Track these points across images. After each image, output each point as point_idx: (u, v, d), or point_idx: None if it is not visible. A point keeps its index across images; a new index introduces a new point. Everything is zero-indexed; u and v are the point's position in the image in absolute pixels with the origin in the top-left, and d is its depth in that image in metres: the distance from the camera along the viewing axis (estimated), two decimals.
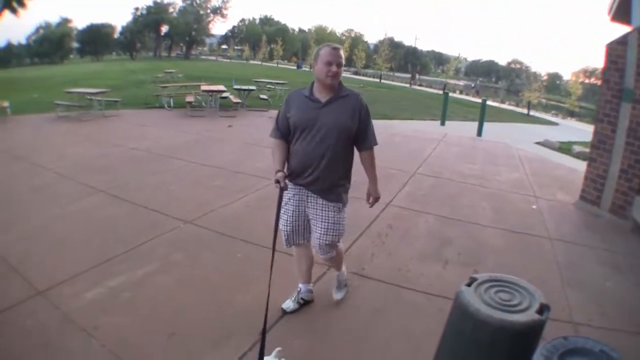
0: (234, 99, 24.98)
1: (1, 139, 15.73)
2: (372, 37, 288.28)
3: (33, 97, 28.15)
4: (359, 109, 5.63)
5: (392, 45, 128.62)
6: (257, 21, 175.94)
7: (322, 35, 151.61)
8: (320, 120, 5.32)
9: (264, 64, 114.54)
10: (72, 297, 6.04)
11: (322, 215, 5.55)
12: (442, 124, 25.13)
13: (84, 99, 21.74)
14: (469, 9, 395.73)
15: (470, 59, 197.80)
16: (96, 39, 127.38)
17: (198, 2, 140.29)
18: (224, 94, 24.61)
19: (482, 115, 22.82)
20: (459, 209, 10.48)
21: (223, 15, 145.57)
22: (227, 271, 7.02)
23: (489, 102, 31.51)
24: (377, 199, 6.03)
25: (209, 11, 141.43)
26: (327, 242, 5.59)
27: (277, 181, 5.23)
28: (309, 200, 5.59)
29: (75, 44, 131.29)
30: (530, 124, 36.73)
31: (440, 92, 57.45)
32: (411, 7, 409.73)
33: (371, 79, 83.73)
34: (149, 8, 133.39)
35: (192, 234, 8.30)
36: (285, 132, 5.62)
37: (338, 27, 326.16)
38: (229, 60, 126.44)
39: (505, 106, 63.65)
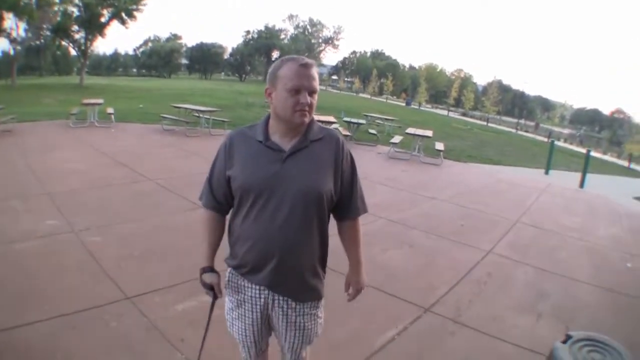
0: (343, 131, 25.00)
1: (105, 144, 16.15)
2: (481, 79, 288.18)
3: (139, 107, 28.80)
4: (342, 159, 3.64)
5: (501, 88, 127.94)
6: (369, 54, 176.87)
7: (431, 73, 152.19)
8: (285, 181, 3.44)
9: (373, 98, 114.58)
10: (162, 307, 6.19)
11: (294, 322, 3.81)
12: (547, 172, 24.82)
13: (190, 115, 22.15)
14: (577, 56, 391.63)
15: (576, 106, 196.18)
16: (206, 58, 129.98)
17: (310, 30, 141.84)
18: (334, 125, 24.27)
19: (586, 166, 22.47)
20: (557, 262, 10.27)
21: (334, 46, 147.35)
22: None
23: (593, 153, 31.06)
24: (359, 291, 4.29)
25: (320, 41, 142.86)
26: (302, 354, 4.10)
27: (209, 286, 3.80)
28: (275, 304, 3.73)
29: (184, 60, 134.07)
30: (631, 177, 36.06)
31: (545, 139, 56.88)
32: (521, 51, 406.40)
33: (478, 121, 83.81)
34: (260, 32, 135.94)
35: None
36: (222, 200, 3.80)
37: (448, 66, 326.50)
38: (338, 92, 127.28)
39: (607, 157, 62.57)
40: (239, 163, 3.55)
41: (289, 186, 3.38)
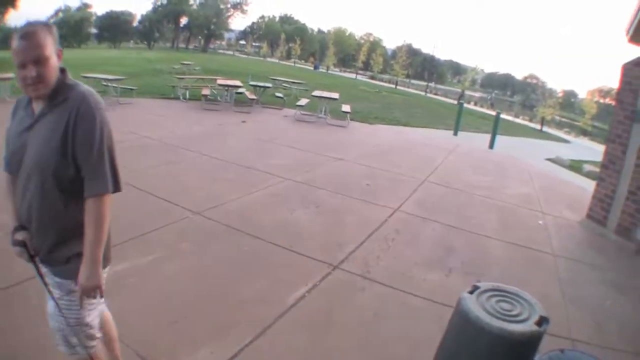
0: (250, 95, 24.90)
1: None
2: (390, 43, 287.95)
3: None
4: (73, 125, 3.23)
5: (410, 52, 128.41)
6: (277, 19, 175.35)
7: (340, 37, 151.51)
8: (27, 152, 3.26)
9: (281, 62, 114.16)
10: None
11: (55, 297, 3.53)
12: (455, 134, 25.11)
13: (99, 84, 21.80)
14: (488, 21, 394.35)
15: (487, 70, 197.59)
16: (115, 26, 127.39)
17: None
18: (240, 90, 24.59)
19: (496, 128, 22.81)
20: (466, 219, 10.50)
21: (243, 11, 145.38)
22: (233, 263, 7.08)
23: (503, 116, 31.51)
24: (88, 290, 3.39)
25: (229, 6, 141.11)
26: (60, 335, 3.64)
27: (20, 242, 3.37)
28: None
29: (93, 30, 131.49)
30: (543, 139, 36.70)
31: (455, 102, 57.44)
32: (431, 15, 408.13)
33: (387, 85, 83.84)
34: None
35: (201, 224, 8.36)
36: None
37: (357, 29, 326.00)
38: (246, 56, 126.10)
39: (519, 120, 63.70)
40: (9, 131, 3.42)
41: (29, 157, 3.23)
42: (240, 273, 6.77)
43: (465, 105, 38.19)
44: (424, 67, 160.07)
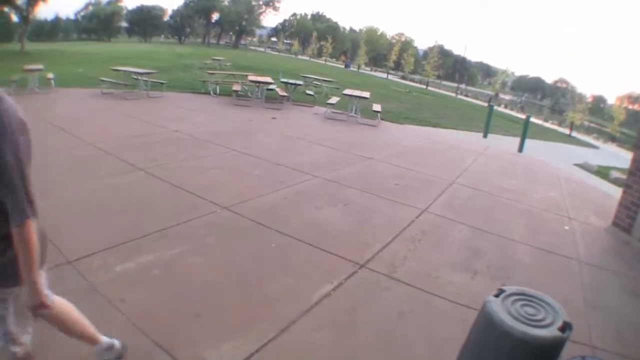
0: (281, 92, 24.90)
1: (45, 109, 15.88)
2: (422, 43, 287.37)
3: (78, 72, 28.43)
4: None
5: (442, 53, 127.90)
6: (309, 17, 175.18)
7: (372, 36, 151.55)
8: None
9: (312, 60, 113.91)
10: (101, 269, 6.15)
11: None
12: (485, 136, 24.96)
13: (129, 77, 21.94)
14: (521, 24, 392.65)
15: (517, 73, 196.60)
16: (145, 20, 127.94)
17: None
18: (271, 86, 24.58)
19: (525, 131, 22.67)
20: (493, 222, 10.44)
21: (275, 8, 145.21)
22: (259, 259, 7.09)
23: (533, 119, 31.36)
24: (34, 309, 3.32)
25: (261, 2, 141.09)
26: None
27: None
28: None
29: (124, 24, 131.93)
30: (571, 144, 36.51)
31: (486, 104, 57.17)
32: (463, 17, 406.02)
33: (418, 85, 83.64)
34: None
35: (228, 219, 8.38)
36: None
37: (389, 29, 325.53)
38: (277, 53, 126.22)
39: (548, 125, 63.07)
40: None
41: None
42: (266, 269, 6.79)
43: (495, 107, 38.00)
44: (454, 68, 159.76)
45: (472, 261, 8.21)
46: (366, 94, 24.82)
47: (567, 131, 53.72)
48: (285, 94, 24.97)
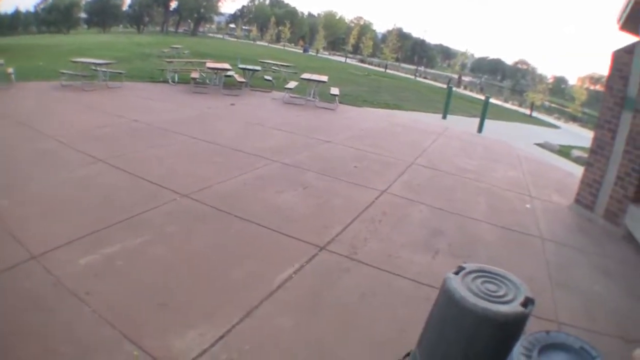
0: (239, 78, 24.85)
1: (4, 104, 15.75)
2: (381, 27, 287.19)
3: (39, 65, 28.16)
4: None
5: (401, 36, 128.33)
6: (267, 2, 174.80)
7: (330, 21, 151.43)
8: None
9: (270, 45, 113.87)
10: (66, 263, 6.11)
11: None
12: (444, 117, 25.08)
13: (88, 68, 21.77)
14: (480, 6, 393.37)
15: (477, 55, 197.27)
16: (104, 11, 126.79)
17: None
18: (229, 73, 24.42)
19: (484, 112, 22.84)
20: (453, 202, 10.55)
21: None
22: (220, 246, 7.11)
23: (493, 100, 31.61)
24: None
25: None
26: None
27: None
28: None
29: (83, 15, 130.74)
30: (532, 124, 36.84)
31: (445, 86, 57.45)
32: (423, 0, 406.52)
33: (376, 68, 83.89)
34: None
35: (189, 207, 8.38)
36: None
37: (348, 13, 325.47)
38: (235, 40, 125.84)
39: (508, 105, 63.85)
40: None
41: None
42: (228, 255, 6.83)
43: (455, 89, 38.20)
44: (414, 51, 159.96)
45: (433, 241, 8.31)
46: (324, 78, 24.87)
47: (527, 112, 54.15)
48: (243, 80, 24.91)
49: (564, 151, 21.58)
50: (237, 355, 4.79)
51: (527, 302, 3.93)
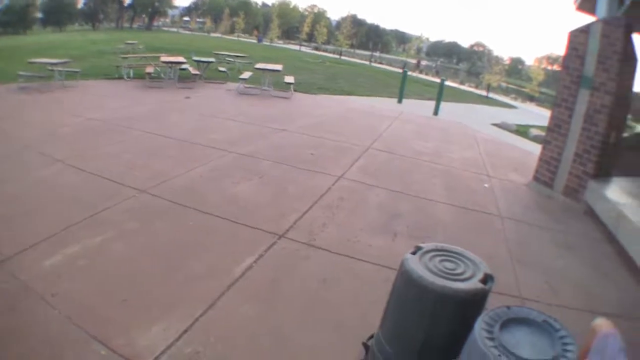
0: (193, 70, 24.84)
1: None
2: (335, 14, 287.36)
3: None
4: None
5: (355, 23, 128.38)
6: None
7: (284, 10, 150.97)
8: None
9: (225, 37, 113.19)
10: (31, 266, 6.09)
11: None
12: (400, 101, 25.28)
13: (45, 69, 21.62)
14: None
15: (433, 39, 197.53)
16: (60, 9, 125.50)
17: None
18: (183, 66, 24.42)
19: (440, 94, 23.02)
20: (410, 184, 10.67)
21: None
22: (180, 239, 7.13)
23: (449, 83, 31.85)
24: None
25: None
26: None
27: None
28: None
29: (39, 14, 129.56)
30: (489, 105, 37.09)
31: (400, 70, 57.72)
32: None
33: (331, 55, 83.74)
34: None
35: (148, 202, 8.39)
36: None
37: (301, 2, 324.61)
38: (190, 33, 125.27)
39: (464, 87, 63.87)
40: None
41: None
42: (188, 248, 6.84)
43: (411, 73, 38.33)
44: (368, 37, 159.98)
45: (392, 223, 8.41)
46: (278, 67, 24.84)
47: (484, 93, 54.51)
48: (198, 72, 24.87)
49: (521, 130, 21.80)
50: (202, 348, 4.81)
51: (487, 279, 4.01)
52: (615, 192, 10.46)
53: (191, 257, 6.57)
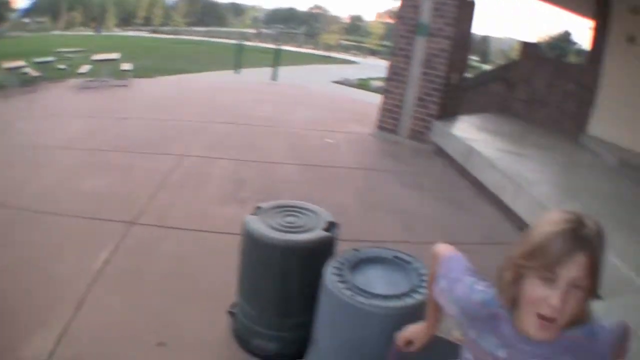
0: (34, 73, 23.43)
1: None
2: None
3: None
4: None
5: (190, 1, 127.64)
6: None
7: None
8: None
9: (66, 33, 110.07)
10: None
11: None
12: (237, 72, 25.62)
13: None
14: None
15: (270, 7, 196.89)
16: None
17: None
18: (24, 70, 23.13)
19: (277, 60, 23.38)
20: (255, 151, 10.84)
21: None
22: (34, 245, 6.86)
23: (288, 48, 32.01)
24: None
25: None
26: None
27: None
28: None
29: None
30: (329, 64, 37.65)
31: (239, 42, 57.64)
32: None
33: (169, 37, 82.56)
34: None
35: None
36: None
37: None
38: (30, 34, 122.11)
39: (304, 50, 64.72)
40: None
41: None
42: (45, 253, 6.66)
43: (250, 43, 38.41)
44: (204, 13, 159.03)
45: (239, 191, 8.60)
46: (115, 55, 24.59)
47: (324, 53, 55.12)
48: (39, 74, 24.02)
49: (363, 84, 22.36)
50: (81, 348, 4.82)
51: (330, 226, 4.18)
52: (463, 129, 11.20)
53: (51, 259, 6.41)
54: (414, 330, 2.76)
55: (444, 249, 2.54)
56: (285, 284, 4.20)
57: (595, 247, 1.72)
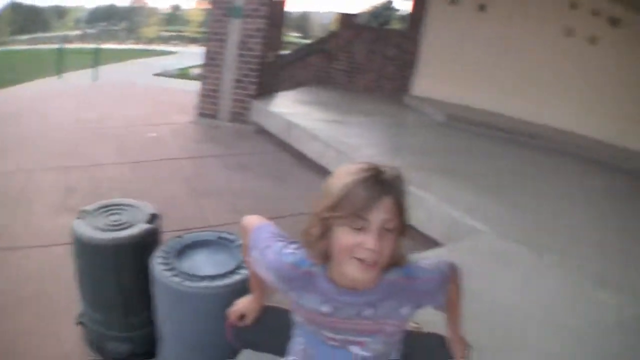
0: None
1: None
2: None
3: None
4: None
5: (15, 9, 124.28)
6: None
7: None
8: None
9: None
10: None
11: None
12: (59, 77, 24.99)
13: None
14: None
15: (91, 6, 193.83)
16: None
17: None
18: None
19: (96, 60, 23.49)
20: (77, 157, 10.40)
21: None
22: None
23: (110, 45, 31.79)
24: None
25: None
26: None
27: None
28: None
29: None
30: (150, 57, 37.50)
31: (63, 45, 56.57)
32: None
33: None
34: None
35: None
36: None
37: None
38: None
39: (125, 46, 64.54)
40: None
41: None
42: None
43: (70, 45, 37.86)
44: (27, 19, 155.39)
45: (69, 200, 8.21)
46: None
47: (145, 47, 55.07)
48: None
49: (183, 73, 22.44)
50: None
51: (152, 218, 4.23)
52: (282, 105, 11.71)
53: None
54: (242, 304, 2.84)
55: (251, 220, 2.60)
56: (121, 283, 4.18)
57: (398, 189, 1.91)
